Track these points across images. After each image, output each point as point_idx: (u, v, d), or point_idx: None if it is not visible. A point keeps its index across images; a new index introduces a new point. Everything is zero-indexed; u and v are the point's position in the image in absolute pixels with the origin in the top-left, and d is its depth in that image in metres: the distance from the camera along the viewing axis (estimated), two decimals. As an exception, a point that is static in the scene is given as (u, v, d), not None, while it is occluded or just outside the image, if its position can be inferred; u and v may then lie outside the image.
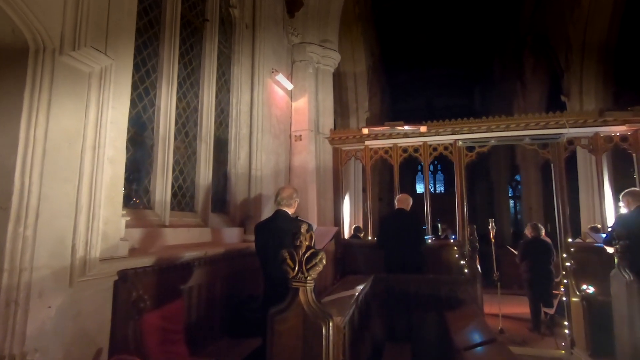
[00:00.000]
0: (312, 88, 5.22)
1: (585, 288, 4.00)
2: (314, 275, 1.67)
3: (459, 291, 3.44)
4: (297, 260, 1.67)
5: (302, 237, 1.70)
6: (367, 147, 5.13)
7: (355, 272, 4.55)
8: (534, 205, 12.02)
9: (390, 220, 4.36)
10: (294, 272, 1.67)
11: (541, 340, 5.30)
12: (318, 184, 5.10)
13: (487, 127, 4.59)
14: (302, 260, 1.66)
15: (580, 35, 8.29)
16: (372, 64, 11.44)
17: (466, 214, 4.65)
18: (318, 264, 1.64)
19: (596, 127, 4.26)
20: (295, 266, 1.67)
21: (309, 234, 1.72)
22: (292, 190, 2.84)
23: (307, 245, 1.71)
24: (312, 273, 1.66)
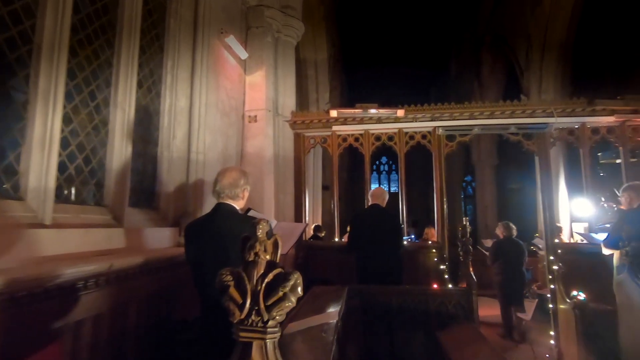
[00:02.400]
0: (271, 61, 4.36)
1: (576, 294, 3.60)
2: (281, 317, 0.87)
3: (451, 305, 2.82)
4: (248, 290, 0.86)
5: (258, 247, 0.89)
6: (334, 134, 4.38)
7: (321, 281, 3.78)
8: (489, 205, 12.15)
9: (364, 218, 3.65)
10: (242, 312, 0.86)
11: (516, 348, 4.93)
12: (276, 175, 4.26)
13: (470, 113, 4.07)
14: (259, 291, 0.86)
15: (541, 33, 8.27)
16: (333, 55, 10.81)
17: (446, 212, 4.09)
18: (288, 297, 0.84)
19: (584, 117, 3.91)
20: (245, 301, 0.85)
21: (271, 240, 0.91)
22: (239, 173, 2.00)
23: (269, 260, 0.90)
24: (277, 314, 0.85)
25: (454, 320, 2.73)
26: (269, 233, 0.95)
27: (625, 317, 2.85)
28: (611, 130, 3.94)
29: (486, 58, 11.42)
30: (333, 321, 1.95)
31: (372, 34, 13.81)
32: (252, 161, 4.11)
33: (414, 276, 3.94)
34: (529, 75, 8.66)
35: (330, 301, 2.55)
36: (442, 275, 3.86)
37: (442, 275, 3.86)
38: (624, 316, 2.86)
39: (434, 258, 4.00)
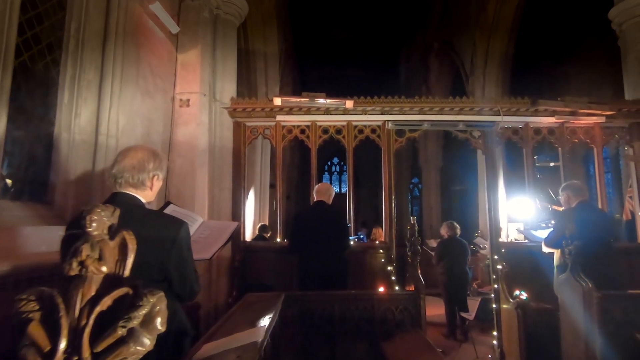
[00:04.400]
0: (208, 39, 3.88)
1: (518, 294, 3.57)
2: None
3: (397, 311, 2.58)
4: (64, 326, 0.45)
5: (85, 253, 0.49)
6: (278, 124, 4.01)
7: (259, 286, 3.39)
8: (434, 206, 12.51)
9: (307, 216, 3.32)
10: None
11: (459, 348, 4.91)
12: (212, 168, 3.79)
13: (420, 108, 3.92)
14: (83, 327, 0.45)
15: (485, 41, 8.59)
16: (285, 49, 10.44)
17: (394, 211, 3.90)
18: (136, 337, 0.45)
19: (527, 117, 3.93)
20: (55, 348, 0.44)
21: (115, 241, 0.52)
22: (147, 154, 1.55)
23: (109, 275, 0.51)
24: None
25: (401, 328, 2.50)
26: (115, 229, 0.56)
27: (566, 317, 2.82)
28: (551, 131, 4.01)
29: (434, 64, 11.74)
30: (258, 340, 1.58)
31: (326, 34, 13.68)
32: (183, 151, 3.61)
33: (361, 278, 3.69)
34: (473, 80, 8.95)
35: (263, 312, 2.17)
36: (390, 277, 3.65)
37: (390, 276, 3.65)
38: (566, 316, 2.82)
39: (381, 259, 3.78)
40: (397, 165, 14.90)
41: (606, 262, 3.04)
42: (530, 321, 3.32)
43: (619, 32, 4.25)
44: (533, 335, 3.29)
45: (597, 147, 4.00)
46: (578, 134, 4.00)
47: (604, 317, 2.54)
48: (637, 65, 4.01)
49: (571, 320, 2.74)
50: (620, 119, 3.93)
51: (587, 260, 2.74)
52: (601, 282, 2.70)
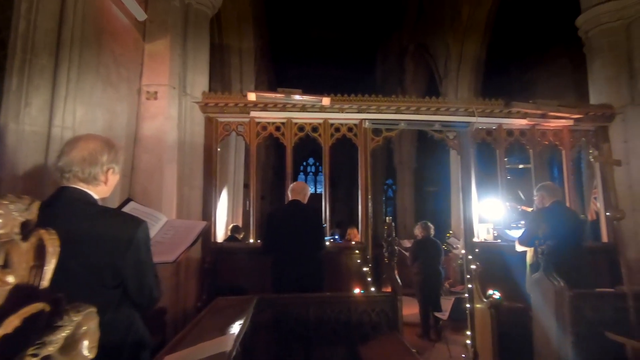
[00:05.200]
0: (179, 30, 3.67)
1: (491, 293, 3.60)
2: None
3: (374, 313, 2.51)
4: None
5: None
6: (253, 120, 3.86)
7: (231, 289, 3.23)
8: (408, 206, 12.67)
9: (282, 215, 3.20)
10: None
11: (433, 348, 4.93)
12: (181, 165, 3.58)
13: (397, 107, 3.89)
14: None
15: (459, 44, 8.77)
16: (260, 47, 10.24)
17: (370, 211, 3.84)
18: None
19: (501, 118, 3.99)
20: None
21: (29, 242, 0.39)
22: (101, 144, 1.38)
23: (19, 285, 0.37)
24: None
25: (378, 331, 2.43)
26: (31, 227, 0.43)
27: (539, 315, 2.85)
28: (523, 133, 4.09)
29: (409, 65, 11.89)
30: (227, 349, 1.45)
31: (303, 33, 13.60)
32: (150, 146, 3.39)
33: (336, 280, 3.60)
34: (447, 83, 9.12)
35: (233, 317, 2.04)
36: (366, 278, 3.58)
37: (366, 277, 3.58)
38: (538, 314, 2.85)
39: (357, 259, 3.71)
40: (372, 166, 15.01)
41: (576, 261, 3.10)
42: (502, 320, 3.35)
43: (585, 39, 4.40)
44: (505, 334, 3.32)
45: (565, 150, 4.12)
46: (548, 136, 4.11)
47: (576, 315, 2.59)
48: (602, 71, 4.16)
49: (543, 319, 2.77)
50: (587, 122, 4.06)
51: (559, 259, 2.78)
52: (572, 281, 2.75)
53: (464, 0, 8.38)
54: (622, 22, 4.05)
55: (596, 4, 4.13)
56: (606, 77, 4.13)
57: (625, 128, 3.99)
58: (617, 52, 4.06)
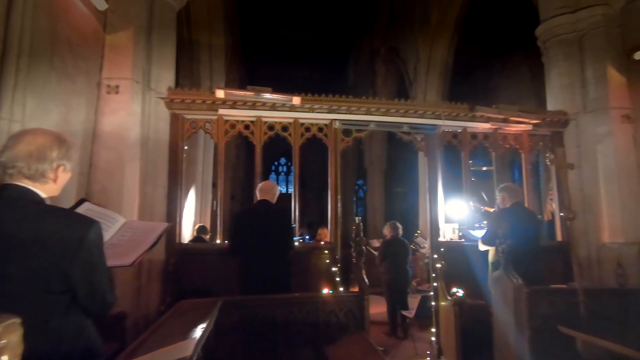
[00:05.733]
0: (143, 21, 3.52)
1: (455, 291, 3.71)
2: None
3: (342, 313, 2.51)
4: None
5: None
6: (221, 118, 3.76)
7: (197, 292, 3.12)
8: (378, 207, 12.88)
9: (249, 215, 3.14)
10: None
11: (400, 345, 5.02)
12: (144, 163, 3.43)
13: (367, 109, 3.94)
14: None
15: (428, 49, 9.03)
16: (232, 44, 10.05)
17: (339, 211, 3.85)
18: None
19: (466, 122, 4.13)
20: None
21: None
22: (51, 139, 1.28)
23: None
24: None
25: (345, 331, 2.43)
26: None
27: (498, 311, 2.97)
28: (486, 136, 4.26)
29: (381, 68, 12.09)
30: (187, 354, 1.39)
31: (276, 32, 13.49)
32: (110, 143, 3.22)
33: (305, 280, 3.59)
34: (416, 86, 9.35)
35: (196, 321, 1.96)
36: (334, 278, 3.59)
37: (334, 277, 3.59)
38: (498, 311, 2.97)
39: (326, 260, 3.71)
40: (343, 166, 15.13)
41: (534, 259, 3.27)
42: (465, 317, 3.47)
43: (544, 49, 4.65)
44: (468, 330, 3.43)
45: (524, 153, 4.32)
46: (509, 140, 4.30)
47: (532, 311, 2.71)
48: (558, 79, 4.41)
49: (502, 315, 2.89)
50: (545, 127, 4.29)
51: (517, 257, 2.90)
52: (529, 278, 2.89)
53: (433, 6, 8.62)
54: (576, 34, 4.31)
55: (553, 16, 4.38)
56: (561, 86, 4.38)
57: (578, 134, 4.25)
58: (571, 62, 4.32)
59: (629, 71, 4.11)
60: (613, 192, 3.92)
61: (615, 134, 3.97)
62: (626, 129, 4.00)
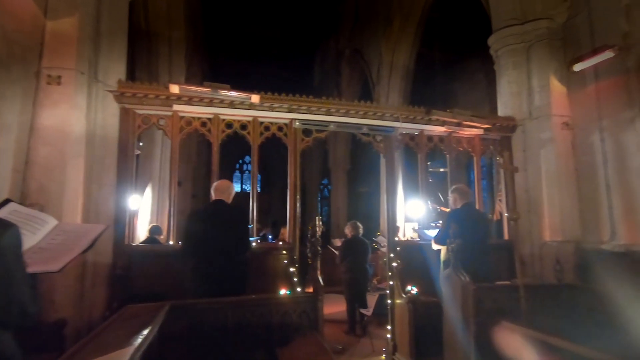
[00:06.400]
0: (90, 9, 3.30)
1: (410, 289, 3.82)
2: None
3: (296, 314, 2.49)
4: None
5: None
6: (176, 114, 3.62)
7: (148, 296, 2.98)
8: (341, 206, 13.01)
9: (203, 215, 3.04)
10: None
11: (358, 343, 5.10)
12: (89, 160, 3.22)
13: (327, 109, 3.95)
14: None
15: (390, 53, 9.23)
16: (194, 37, 9.73)
17: (299, 211, 3.84)
18: None
19: (423, 124, 4.26)
20: None
21: None
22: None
23: None
24: None
25: (299, 332, 2.42)
26: None
27: (448, 308, 3.09)
28: (442, 139, 4.42)
29: (345, 69, 12.21)
30: (123, 365, 1.32)
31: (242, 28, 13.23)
32: (50, 138, 2.99)
33: (262, 281, 3.54)
34: (379, 89, 9.54)
35: (140, 327, 1.87)
36: (292, 278, 3.56)
37: (292, 278, 3.57)
38: (447, 307, 3.09)
39: (284, 260, 3.68)
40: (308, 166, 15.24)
41: (482, 257, 3.44)
42: (419, 314, 3.58)
43: (496, 58, 4.90)
44: (421, 326, 3.55)
45: (476, 156, 4.53)
46: (462, 143, 4.49)
47: (478, 307, 2.84)
48: (508, 87, 4.67)
49: (451, 311, 3.01)
50: (495, 132, 4.52)
51: (466, 256, 3.04)
52: (478, 276, 3.03)
53: (395, 11, 8.83)
54: (524, 44, 4.58)
55: (504, 27, 4.63)
56: (510, 93, 4.64)
57: (525, 139, 4.52)
58: (520, 71, 4.58)
59: (570, 82, 4.42)
60: (553, 194, 4.21)
61: (556, 140, 4.26)
62: (566, 136, 4.31)
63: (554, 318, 3.09)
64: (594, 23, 4.15)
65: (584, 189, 4.22)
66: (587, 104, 4.19)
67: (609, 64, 3.94)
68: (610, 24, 3.95)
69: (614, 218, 3.86)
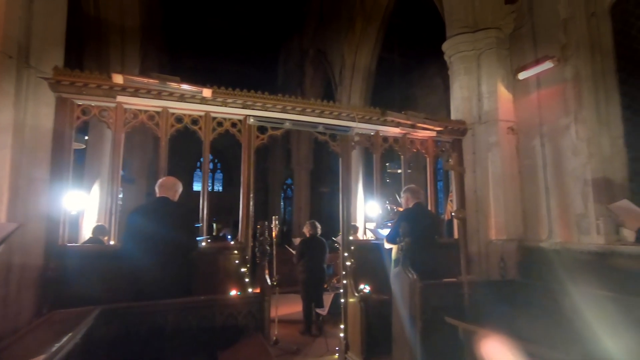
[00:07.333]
0: (22, -14, 3.01)
1: (362, 287, 3.85)
2: None
3: (241, 316, 2.41)
4: None
5: None
6: (120, 106, 3.40)
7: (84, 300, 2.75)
8: (303, 206, 12.97)
9: (145, 213, 2.87)
10: None
11: (313, 342, 5.07)
12: (17, 152, 2.93)
13: (283, 106, 3.89)
14: None
15: (352, 55, 9.34)
16: (150, 28, 9.28)
17: (252, 210, 3.74)
18: None
19: (378, 125, 4.32)
20: None
21: None
22: None
23: None
24: None
25: (243, 334, 2.34)
26: None
27: (397, 305, 3.14)
28: (397, 140, 4.50)
29: (309, 69, 12.21)
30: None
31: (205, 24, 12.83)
32: (-30, 127, 2.69)
33: (212, 282, 3.40)
34: (341, 90, 9.62)
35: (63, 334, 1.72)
36: (243, 279, 3.46)
37: (243, 278, 3.47)
38: (396, 305, 3.14)
39: (235, 260, 3.57)
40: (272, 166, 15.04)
41: (431, 255, 3.54)
42: (371, 312, 3.61)
43: (449, 63, 5.08)
44: (372, 324, 3.58)
45: (429, 157, 4.67)
46: (416, 145, 4.60)
47: (424, 304, 2.91)
48: (460, 91, 4.85)
49: (400, 308, 3.06)
50: (447, 134, 4.68)
51: (415, 254, 3.10)
52: (427, 273, 3.10)
53: (358, 13, 8.95)
54: (475, 52, 4.79)
55: (456, 34, 4.81)
56: (462, 98, 4.83)
57: (474, 142, 4.72)
58: (470, 77, 4.78)
59: (515, 89, 4.68)
60: (499, 194, 4.43)
61: (501, 144, 4.49)
62: (510, 140, 4.55)
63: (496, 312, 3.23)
64: (536, 34, 4.42)
65: (526, 190, 4.48)
66: (530, 110, 4.45)
67: (549, 74, 4.22)
68: (550, 36, 4.23)
69: (552, 218, 4.13)
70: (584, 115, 3.87)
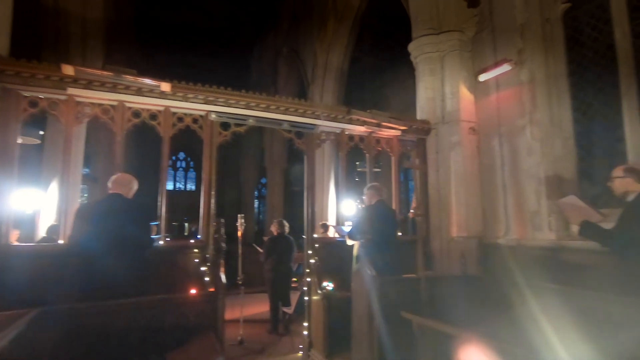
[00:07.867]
0: (-40, -31, 2.82)
1: (326, 285, 3.86)
2: None
3: (193, 315, 2.35)
4: None
5: None
6: (72, 99, 3.24)
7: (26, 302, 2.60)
8: (277, 205, 12.89)
9: (94, 210, 2.75)
10: None
11: (279, 341, 5.04)
12: (-46, 145, 2.74)
13: (247, 103, 3.83)
14: None
15: (325, 54, 9.35)
16: (116, 20, 8.94)
17: (213, 207, 3.66)
18: None
19: (344, 123, 4.34)
20: None
21: None
22: None
23: None
24: None
25: (195, 333, 2.28)
26: None
27: (357, 301, 3.16)
28: (362, 139, 4.54)
29: (283, 67, 12.12)
30: None
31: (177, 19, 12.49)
32: None
33: (170, 281, 3.31)
34: (313, 88, 9.61)
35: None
36: (203, 278, 3.39)
37: (203, 277, 3.39)
38: (356, 301, 3.16)
39: (195, 259, 3.49)
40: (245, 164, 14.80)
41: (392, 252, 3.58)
42: (333, 310, 3.63)
43: (415, 64, 5.18)
44: (335, 321, 3.60)
45: (394, 156, 4.73)
46: (382, 143, 4.66)
47: (383, 299, 2.94)
48: (424, 92, 4.96)
49: (359, 305, 3.09)
50: (411, 134, 4.76)
51: (375, 250, 3.14)
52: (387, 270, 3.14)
53: (329, 14, 8.96)
54: (439, 53, 4.90)
55: (421, 35, 4.91)
56: (427, 98, 4.93)
57: (438, 141, 4.83)
58: (435, 78, 4.89)
59: (476, 90, 4.82)
60: (460, 193, 4.55)
61: (463, 143, 4.61)
62: (472, 140, 4.69)
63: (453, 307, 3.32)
64: (496, 38, 4.57)
65: (486, 189, 4.63)
66: (490, 111, 4.60)
67: (507, 76, 4.37)
68: (508, 40, 4.38)
69: (508, 215, 4.28)
70: (538, 117, 4.04)
